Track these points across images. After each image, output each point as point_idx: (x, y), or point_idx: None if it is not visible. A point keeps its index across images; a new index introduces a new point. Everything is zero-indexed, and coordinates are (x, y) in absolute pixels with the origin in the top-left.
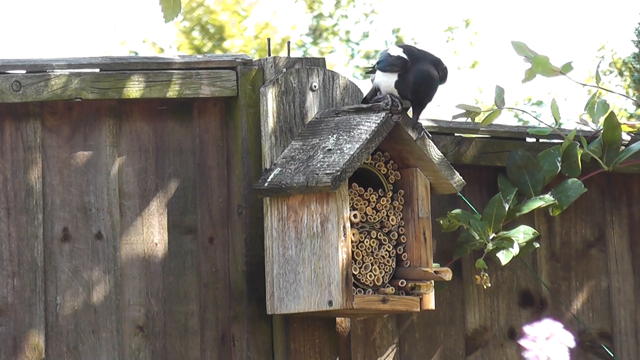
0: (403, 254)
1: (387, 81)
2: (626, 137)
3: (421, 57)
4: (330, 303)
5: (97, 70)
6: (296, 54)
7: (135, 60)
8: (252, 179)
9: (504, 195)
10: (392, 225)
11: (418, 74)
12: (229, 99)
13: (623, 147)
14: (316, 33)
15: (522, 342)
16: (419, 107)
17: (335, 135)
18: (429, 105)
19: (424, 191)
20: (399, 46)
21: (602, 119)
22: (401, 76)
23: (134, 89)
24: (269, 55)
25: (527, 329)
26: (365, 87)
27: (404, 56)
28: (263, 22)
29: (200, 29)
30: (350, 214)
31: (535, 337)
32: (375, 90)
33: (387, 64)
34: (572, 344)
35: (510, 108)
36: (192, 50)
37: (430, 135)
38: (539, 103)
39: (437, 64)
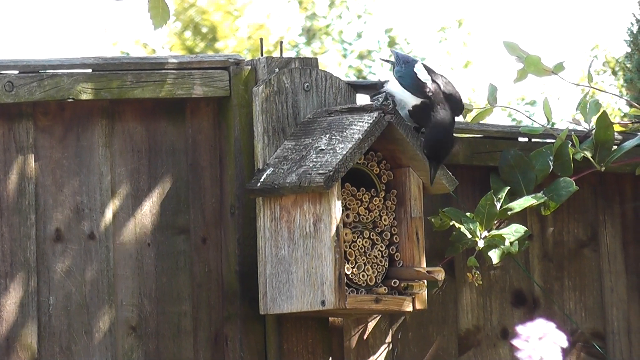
0: (396, 254)
1: (404, 99)
2: (618, 137)
3: (441, 91)
4: (323, 303)
5: (90, 70)
6: (289, 54)
7: (127, 60)
8: (244, 179)
9: (495, 194)
10: (385, 225)
11: (438, 129)
12: (221, 99)
13: (615, 147)
14: (310, 33)
15: (515, 342)
16: (436, 164)
17: (327, 135)
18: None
19: (416, 191)
20: (425, 68)
21: (594, 119)
22: (422, 104)
23: (127, 89)
24: (262, 55)
25: (520, 328)
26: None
27: (430, 87)
28: (256, 23)
29: (193, 30)
30: (342, 214)
31: (528, 337)
32: (386, 97)
33: (413, 85)
34: (565, 344)
35: (504, 107)
36: (184, 51)
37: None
38: (532, 103)
39: (456, 101)
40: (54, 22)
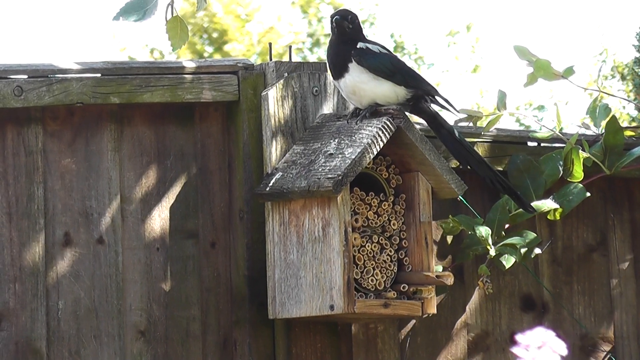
0: (405, 259)
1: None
2: (628, 141)
3: None
4: (331, 307)
5: (99, 75)
6: (298, 59)
7: (136, 65)
8: (253, 184)
9: (505, 200)
10: (394, 230)
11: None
12: (230, 104)
13: (625, 151)
14: (314, 39)
15: (515, 350)
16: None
17: (336, 140)
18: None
19: (425, 196)
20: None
21: (603, 123)
22: None
23: (136, 93)
24: (271, 59)
25: (519, 337)
26: None
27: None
28: (266, 27)
29: (202, 34)
30: (351, 219)
31: (528, 345)
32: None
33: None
34: (565, 353)
35: (512, 113)
36: (193, 55)
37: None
38: (541, 108)
39: None
40: (62, 27)
